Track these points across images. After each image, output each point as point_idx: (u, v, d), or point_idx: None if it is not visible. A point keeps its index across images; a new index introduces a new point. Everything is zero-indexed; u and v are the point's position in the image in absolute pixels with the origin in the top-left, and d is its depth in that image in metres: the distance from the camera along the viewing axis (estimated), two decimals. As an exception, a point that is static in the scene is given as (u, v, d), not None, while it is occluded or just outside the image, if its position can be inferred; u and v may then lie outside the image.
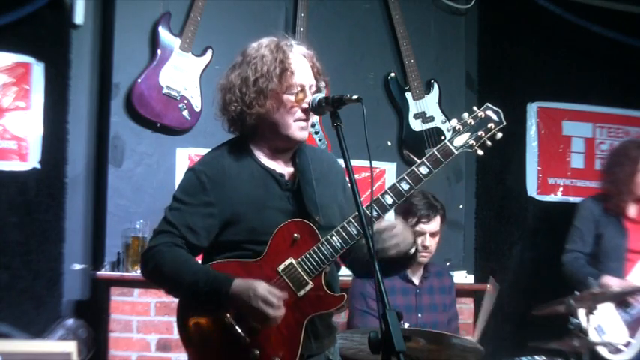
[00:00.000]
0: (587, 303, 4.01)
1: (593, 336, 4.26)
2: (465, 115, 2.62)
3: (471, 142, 2.59)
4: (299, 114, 2.54)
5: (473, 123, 2.61)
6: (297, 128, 2.55)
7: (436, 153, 2.57)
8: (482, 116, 2.62)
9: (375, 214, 2.50)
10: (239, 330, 2.44)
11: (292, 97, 2.54)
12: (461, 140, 2.59)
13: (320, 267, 2.48)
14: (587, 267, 4.63)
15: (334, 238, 2.49)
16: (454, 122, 2.61)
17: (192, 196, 2.54)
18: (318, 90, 2.60)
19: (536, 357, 3.92)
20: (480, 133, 2.60)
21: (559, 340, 3.99)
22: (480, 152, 2.61)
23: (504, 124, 2.63)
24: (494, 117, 2.63)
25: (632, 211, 4.75)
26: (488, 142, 2.62)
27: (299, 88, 2.54)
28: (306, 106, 2.53)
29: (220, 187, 2.52)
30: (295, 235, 2.50)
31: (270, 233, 2.49)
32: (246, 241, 2.51)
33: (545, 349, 4.07)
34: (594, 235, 4.73)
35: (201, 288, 2.42)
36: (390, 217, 3.05)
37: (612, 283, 4.46)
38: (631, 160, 4.70)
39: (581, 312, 4.06)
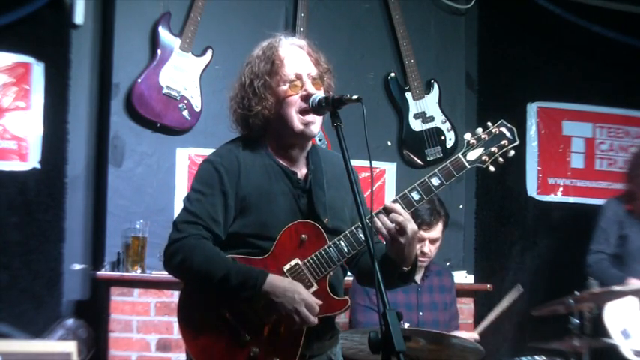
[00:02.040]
0: (587, 303, 4.01)
1: (617, 339, 4.26)
2: (479, 130, 2.61)
3: (484, 157, 2.60)
4: (300, 104, 2.52)
5: (487, 138, 2.60)
6: (300, 121, 2.52)
7: (449, 166, 2.56)
8: (497, 132, 2.62)
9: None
10: (239, 327, 2.44)
11: (286, 87, 2.53)
12: (474, 155, 2.59)
13: (325, 270, 2.48)
14: (611, 269, 4.66)
15: (342, 242, 2.49)
16: (468, 136, 2.61)
17: (211, 186, 2.52)
18: (321, 78, 2.58)
19: (536, 357, 3.93)
20: (493, 149, 2.60)
21: (559, 340, 3.99)
22: (492, 168, 2.61)
23: (517, 142, 2.63)
24: (508, 134, 2.63)
25: None
26: (501, 159, 2.62)
27: (293, 76, 2.53)
28: (305, 93, 2.52)
29: (235, 179, 2.52)
30: (303, 236, 2.49)
31: (278, 228, 2.48)
32: (253, 235, 2.50)
33: (545, 349, 4.08)
34: (618, 236, 4.76)
35: (233, 281, 2.40)
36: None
37: (635, 283, 4.46)
38: None
39: (613, 321, 4.07)
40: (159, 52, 4.64)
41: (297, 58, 2.57)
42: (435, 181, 2.54)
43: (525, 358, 3.93)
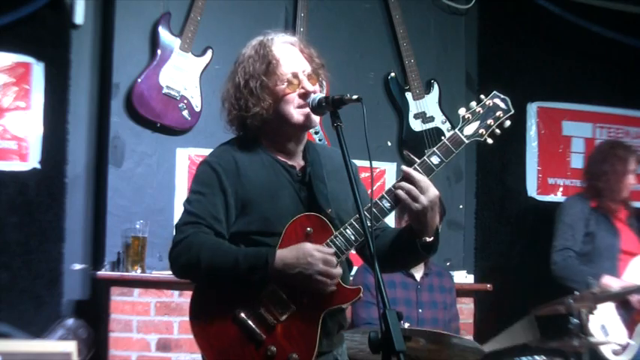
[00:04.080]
0: (587, 303, 4.01)
1: (597, 336, 4.27)
2: (473, 103, 2.58)
3: (481, 130, 2.56)
4: (298, 100, 2.52)
5: (481, 111, 2.57)
6: (301, 114, 2.52)
7: (447, 142, 2.54)
8: (491, 104, 2.58)
9: (387, 205, 2.49)
10: (254, 327, 2.42)
11: (284, 86, 2.52)
12: (471, 129, 2.56)
13: (335, 261, 2.44)
14: (581, 266, 4.60)
15: (347, 231, 2.46)
16: (462, 111, 2.57)
17: (210, 186, 2.50)
18: (316, 73, 2.58)
19: (536, 357, 3.93)
20: (489, 121, 2.57)
21: (559, 340, 3.99)
22: (490, 141, 2.57)
23: (512, 111, 2.59)
24: (502, 105, 2.60)
25: (619, 211, 4.77)
26: (497, 131, 2.58)
27: (290, 76, 2.52)
28: (303, 90, 2.51)
29: (234, 177, 2.50)
30: (308, 229, 2.47)
31: (283, 223, 2.46)
32: (258, 232, 2.48)
33: (545, 349, 4.08)
34: (584, 233, 4.71)
35: (242, 264, 2.38)
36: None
37: (613, 283, 4.47)
38: (621, 160, 4.73)
39: (584, 312, 4.06)
40: (159, 52, 4.64)
41: (292, 56, 2.56)
42: (435, 160, 2.52)
43: (525, 358, 3.93)
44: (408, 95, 5.18)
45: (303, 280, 2.38)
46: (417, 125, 5.15)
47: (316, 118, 2.56)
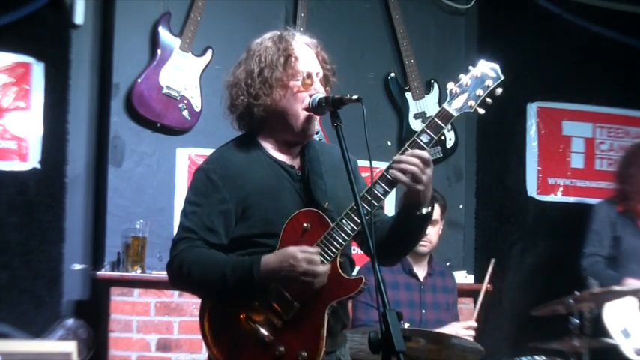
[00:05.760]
0: (587, 303, 4.02)
1: (618, 338, 4.26)
2: (461, 75, 2.52)
3: (470, 102, 2.51)
4: (307, 101, 2.51)
5: (470, 83, 2.52)
6: (306, 118, 2.52)
7: (436, 119, 2.53)
8: (479, 74, 2.53)
9: (381, 191, 2.50)
10: (260, 329, 2.41)
11: (298, 83, 2.51)
12: (459, 102, 2.52)
13: (334, 253, 2.43)
14: (606, 270, 4.65)
15: (344, 221, 2.44)
16: (450, 85, 2.53)
17: (205, 196, 2.49)
18: (326, 79, 2.58)
19: (536, 357, 3.93)
20: (478, 91, 2.51)
21: (559, 340, 4.00)
22: (482, 111, 2.52)
23: (502, 78, 2.52)
24: (492, 73, 2.53)
25: None
26: (489, 100, 2.53)
27: (305, 74, 2.52)
28: (314, 92, 2.51)
29: (231, 182, 2.49)
30: (305, 224, 2.46)
31: (284, 224, 2.46)
32: (259, 234, 2.47)
33: (545, 349, 4.08)
34: (611, 238, 4.76)
35: (230, 278, 2.37)
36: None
37: (636, 284, 4.46)
38: None
39: (613, 321, 4.07)
40: (159, 52, 4.64)
41: (309, 56, 2.57)
42: (425, 138, 2.52)
43: (525, 358, 3.93)
44: (408, 95, 5.18)
45: (290, 282, 2.38)
46: (417, 125, 5.15)
47: (317, 124, 2.55)
